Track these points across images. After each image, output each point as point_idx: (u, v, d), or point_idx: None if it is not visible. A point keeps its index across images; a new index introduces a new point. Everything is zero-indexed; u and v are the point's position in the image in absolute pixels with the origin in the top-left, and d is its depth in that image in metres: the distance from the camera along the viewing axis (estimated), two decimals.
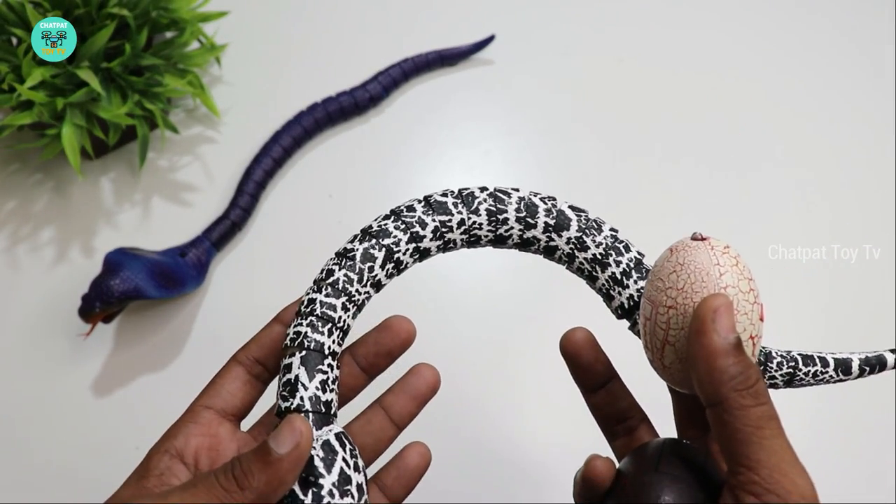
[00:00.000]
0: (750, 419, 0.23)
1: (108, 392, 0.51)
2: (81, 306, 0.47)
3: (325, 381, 0.26)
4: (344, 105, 0.62)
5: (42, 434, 0.49)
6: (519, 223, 0.29)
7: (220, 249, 0.56)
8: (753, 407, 0.23)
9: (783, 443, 0.23)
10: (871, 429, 0.52)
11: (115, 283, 0.47)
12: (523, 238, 0.30)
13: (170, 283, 0.50)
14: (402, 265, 0.29)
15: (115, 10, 0.52)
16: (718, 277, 0.24)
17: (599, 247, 0.29)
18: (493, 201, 0.30)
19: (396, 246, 0.28)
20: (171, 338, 0.53)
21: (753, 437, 0.22)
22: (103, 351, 0.52)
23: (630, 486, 0.24)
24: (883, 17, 0.75)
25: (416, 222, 0.29)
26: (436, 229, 0.29)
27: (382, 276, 0.28)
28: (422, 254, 0.29)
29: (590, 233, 0.30)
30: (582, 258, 0.29)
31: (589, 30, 0.72)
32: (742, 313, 0.24)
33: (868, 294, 0.58)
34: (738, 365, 0.23)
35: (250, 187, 0.57)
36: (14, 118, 0.50)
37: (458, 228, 0.29)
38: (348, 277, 0.28)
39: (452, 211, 0.29)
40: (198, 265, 0.53)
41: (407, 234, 0.28)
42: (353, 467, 0.25)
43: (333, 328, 0.27)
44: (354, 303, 0.28)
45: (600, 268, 0.29)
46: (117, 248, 0.50)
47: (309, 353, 0.26)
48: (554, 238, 0.29)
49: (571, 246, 0.29)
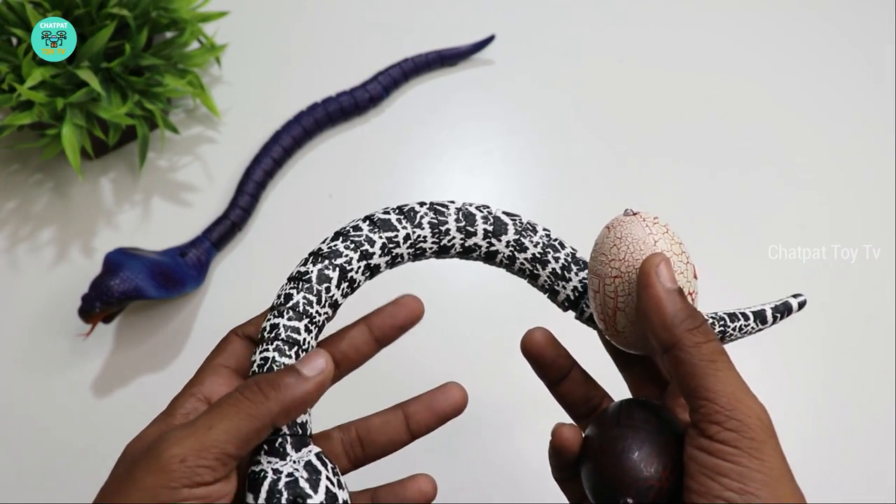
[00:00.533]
0: (704, 354, 0.25)
1: (109, 392, 0.51)
2: (81, 306, 0.47)
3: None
4: (344, 105, 0.62)
5: (42, 434, 0.49)
6: (460, 232, 0.31)
7: (221, 249, 0.56)
8: (705, 343, 0.25)
9: (736, 374, 0.25)
10: (872, 429, 0.52)
11: (115, 283, 0.47)
12: (465, 246, 0.31)
13: (170, 283, 0.50)
14: (355, 283, 0.30)
15: (115, 10, 0.52)
16: (654, 244, 0.27)
17: (537, 246, 0.31)
18: (433, 214, 0.31)
19: (349, 265, 0.29)
20: (171, 338, 0.53)
21: (709, 370, 0.24)
22: (103, 351, 0.52)
23: (597, 444, 0.26)
24: (883, 18, 0.75)
25: (365, 240, 0.30)
26: (383, 245, 0.30)
27: (339, 295, 0.29)
28: (372, 270, 0.30)
29: (526, 234, 0.31)
30: (522, 258, 0.31)
31: (589, 30, 0.72)
32: (678, 273, 0.26)
33: (868, 294, 0.58)
34: (685, 308, 0.25)
35: (250, 187, 0.57)
36: (14, 118, 0.50)
37: (404, 243, 0.30)
38: (307, 300, 0.28)
39: (397, 227, 0.30)
40: (198, 265, 0.53)
41: (357, 252, 0.29)
42: (336, 484, 0.26)
43: (299, 350, 0.28)
44: (315, 324, 0.29)
45: (540, 265, 0.31)
46: (117, 249, 0.50)
47: (282, 344, 0.27)
48: (494, 243, 0.31)
49: (511, 248, 0.31)
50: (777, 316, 0.35)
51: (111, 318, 0.49)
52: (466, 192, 0.61)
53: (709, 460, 0.23)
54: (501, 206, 0.33)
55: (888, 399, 0.53)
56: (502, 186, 0.62)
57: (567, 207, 0.61)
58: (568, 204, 0.61)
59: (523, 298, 0.55)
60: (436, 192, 0.61)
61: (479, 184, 0.62)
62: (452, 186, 0.61)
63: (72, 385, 0.51)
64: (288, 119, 0.61)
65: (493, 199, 0.61)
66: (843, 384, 0.54)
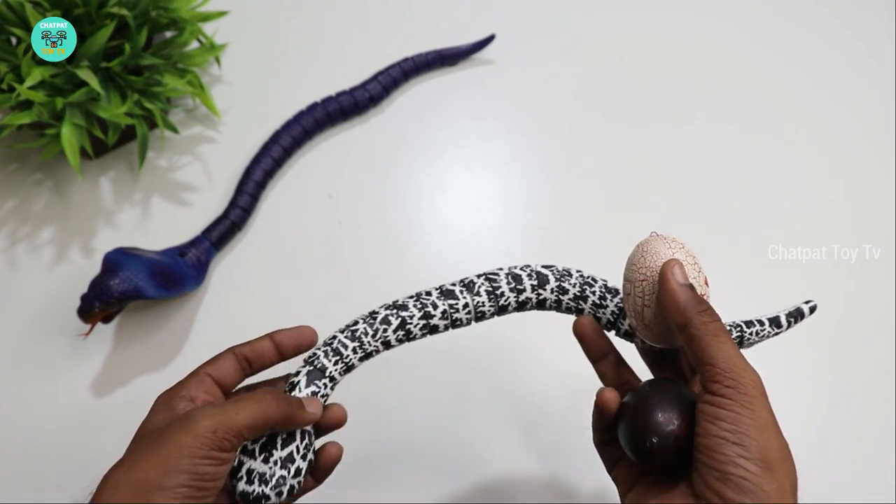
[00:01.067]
0: (710, 330, 0.31)
1: (108, 392, 0.50)
2: (80, 306, 0.47)
3: (315, 392, 0.35)
4: (344, 105, 0.62)
5: (41, 433, 0.49)
6: (512, 292, 0.38)
7: (220, 249, 0.56)
8: (710, 322, 0.31)
9: (734, 346, 0.31)
10: (872, 428, 0.52)
11: (115, 283, 0.47)
12: (519, 301, 0.38)
13: (169, 283, 0.50)
14: (411, 335, 0.37)
15: (114, 10, 0.52)
16: (672, 255, 0.34)
17: (575, 287, 0.38)
18: (488, 284, 0.37)
19: (410, 319, 0.36)
20: (170, 337, 0.53)
21: (713, 342, 0.30)
22: (103, 351, 0.52)
23: (632, 404, 0.32)
24: (883, 18, 0.75)
25: (430, 304, 0.37)
26: (444, 311, 0.37)
27: (393, 338, 0.36)
28: (431, 329, 0.37)
29: (564, 279, 0.38)
30: (566, 300, 0.38)
31: (589, 30, 0.72)
32: (691, 277, 0.33)
33: (868, 294, 0.58)
34: (694, 297, 0.32)
35: (250, 187, 0.57)
36: (13, 118, 0.50)
37: (463, 309, 0.37)
38: (366, 331, 0.36)
39: (458, 296, 0.37)
40: (197, 265, 0.53)
41: (421, 311, 0.36)
42: (300, 455, 0.34)
43: (339, 361, 0.35)
44: (364, 350, 0.36)
45: (582, 301, 0.38)
46: (116, 248, 0.50)
47: (314, 369, 0.35)
48: (541, 293, 0.38)
49: (556, 294, 0.38)
50: (791, 321, 0.40)
51: (110, 318, 0.49)
52: (466, 192, 0.61)
53: (711, 409, 0.29)
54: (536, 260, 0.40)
55: (888, 399, 0.53)
56: (502, 186, 0.62)
57: (567, 207, 0.61)
58: (568, 203, 0.61)
59: None
60: (435, 191, 0.61)
61: (479, 183, 0.62)
62: (452, 186, 0.61)
63: (71, 385, 0.51)
64: (287, 119, 0.61)
65: (493, 199, 0.61)
66: (844, 383, 0.54)
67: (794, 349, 0.55)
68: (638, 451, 0.31)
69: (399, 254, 0.56)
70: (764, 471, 0.28)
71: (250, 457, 0.33)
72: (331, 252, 0.57)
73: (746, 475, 0.28)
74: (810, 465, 0.51)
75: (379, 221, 0.59)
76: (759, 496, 0.27)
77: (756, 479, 0.28)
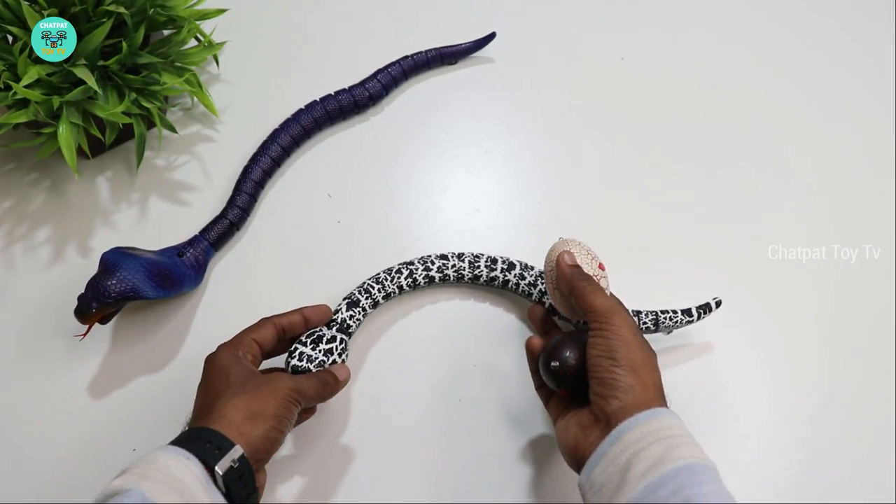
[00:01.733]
0: (585, 290, 0.43)
1: (106, 393, 0.50)
2: (78, 307, 0.46)
3: (352, 315, 0.50)
4: (343, 104, 0.62)
5: (39, 435, 0.49)
6: (487, 268, 0.54)
7: (219, 249, 0.56)
8: (588, 285, 0.43)
9: (608, 299, 0.42)
10: (872, 428, 0.52)
11: (112, 283, 0.46)
12: (489, 277, 0.54)
13: (167, 283, 0.49)
14: (417, 283, 0.53)
15: (111, 8, 0.51)
16: (567, 249, 0.46)
17: (532, 277, 0.53)
18: (471, 257, 0.54)
19: (416, 271, 0.53)
20: (168, 338, 0.52)
21: (591, 297, 0.42)
22: (100, 351, 0.52)
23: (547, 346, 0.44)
24: (883, 18, 0.75)
25: (429, 261, 0.54)
26: (438, 267, 0.53)
27: (404, 283, 0.52)
28: (429, 279, 0.53)
29: (526, 271, 0.54)
30: (523, 284, 0.53)
31: (590, 29, 0.71)
32: (583, 263, 0.45)
33: (868, 294, 0.58)
34: (577, 271, 0.45)
35: (248, 187, 0.57)
36: (10, 117, 0.50)
37: (451, 268, 0.54)
38: (386, 277, 0.52)
39: (449, 259, 0.54)
40: (195, 265, 0.53)
41: (423, 266, 0.53)
42: (337, 353, 0.47)
43: (368, 297, 0.51)
44: (385, 290, 0.52)
45: (533, 287, 0.53)
46: (114, 248, 0.50)
47: (351, 302, 0.50)
48: (507, 276, 0.53)
49: (517, 279, 0.53)
50: (700, 312, 0.52)
51: (108, 319, 0.49)
52: (466, 192, 0.61)
53: (593, 340, 0.40)
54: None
55: (888, 398, 0.53)
56: (502, 185, 0.62)
57: (567, 206, 0.61)
58: (568, 203, 0.61)
59: None
60: (435, 191, 0.61)
61: (479, 183, 0.61)
62: (452, 186, 0.61)
63: (69, 386, 0.50)
64: (286, 118, 0.61)
65: (493, 199, 0.61)
66: (844, 383, 0.54)
67: (795, 349, 0.55)
68: (547, 374, 0.42)
69: (399, 253, 0.56)
70: (629, 372, 0.38)
71: (303, 345, 0.46)
72: (330, 251, 0.57)
73: (617, 377, 0.38)
74: (810, 464, 0.51)
75: (378, 221, 0.59)
76: (626, 391, 0.38)
77: (624, 379, 0.38)
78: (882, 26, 0.74)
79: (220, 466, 0.36)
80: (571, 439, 0.40)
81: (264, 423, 0.39)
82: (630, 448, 0.36)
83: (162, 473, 0.35)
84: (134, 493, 0.33)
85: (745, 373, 0.54)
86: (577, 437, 0.39)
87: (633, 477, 0.35)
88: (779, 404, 0.53)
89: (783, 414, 0.52)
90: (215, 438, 0.37)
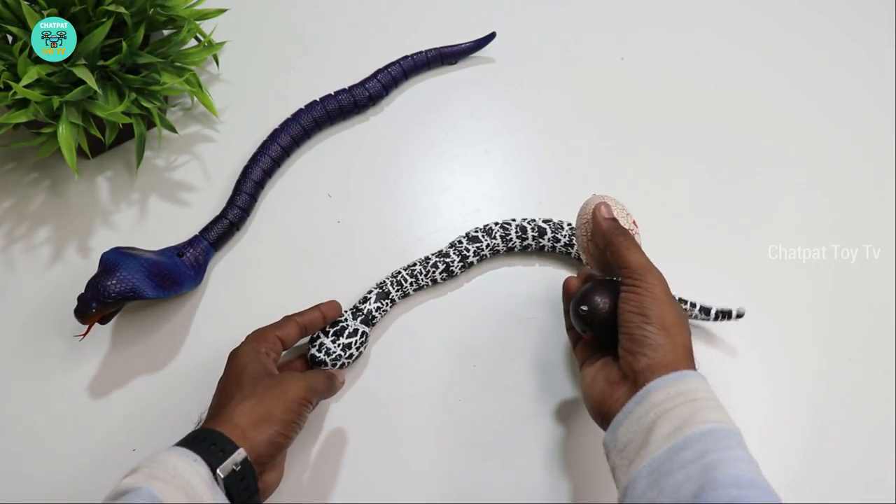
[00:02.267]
0: (622, 245, 0.42)
1: (105, 393, 0.50)
2: (77, 307, 0.46)
3: (379, 307, 0.52)
4: (343, 104, 0.62)
5: (39, 436, 0.49)
6: (518, 238, 0.56)
7: (219, 249, 0.56)
8: (624, 240, 0.43)
9: (643, 255, 0.42)
10: (872, 428, 0.52)
11: (112, 283, 0.46)
12: (523, 245, 0.56)
13: (167, 284, 0.49)
14: (453, 274, 0.55)
15: (111, 8, 0.51)
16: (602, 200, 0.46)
17: (566, 237, 0.56)
18: (502, 231, 0.55)
19: (452, 263, 0.54)
20: (168, 338, 0.52)
21: (626, 252, 0.42)
22: (100, 351, 0.51)
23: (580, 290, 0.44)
24: (883, 19, 0.75)
25: (463, 249, 0.55)
26: (475, 251, 0.55)
27: (438, 277, 0.54)
28: (467, 265, 0.55)
29: (558, 230, 0.56)
30: (559, 246, 0.56)
31: (590, 29, 0.71)
32: (619, 217, 0.45)
33: (868, 294, 0.58)
34: (614, 224, 0.44)
35: (248, 187, 0.57)
36: (10, 117, 0.50)
37: (487, 248, 0.55)
38: (420, 271, 0.54)
39: (481, 240, 0.55)
40: (195, 265, 0.53)
41: (459, 255, 0.55)
42: (355, 347, 0.50)
43: (399, 289, 0.53)
44: (418, 284, 0.53)
45: (571, 247, 0.56)
46: (114, 248, 0.50)
47: (382, 292, 0.52)
48: (541, 241, 0.56)
49: (551, 241, 0.56)
50: (719, 315, 0.52)
51: (108, 319, 0.49)
52: (466, 191, 0.61)
53: (625, 295, 0.41)
54: (532, 214, 0.59)
55: (888, 398, 0.53)
56: (502, 185, 0.62)
57: (567, 206, 0.61)
58: (568, 203, 0.61)
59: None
60: (435, 191, 0.61)
61: (479, 183, 0.61)
62: (452, 186, 0.61)
63: (69, 386, 0.50)
64: (286, 118, 0.61)
65: (493, 199, 0.61)
66: (844, 383, 0.54)
67: (794, 349, 0.55)
68: (576, 317, 0.43)
69: (399, 253, 0.56)
70: (660, 331, 0.38)
71: (326, 336, 0.49)
72: (330, 251, 0.57)
73: (647, 334, 0.38)
74: (810, 464, 0.51)
75: (378, 221, 0.59)
76: (656, 349, 0.38)
77: (654, 337, 0.38)
78: (882, 27, 0.74)
79: (223, 469, 0.38)
80: (598, 394, 0.40)
81: (270, 428, 0.40)
82: (656, 408, 0.36)
83: (170, 474, 0.36)
84: (144, 492, 0.34)
85: (744, 372, 0.53)
86: (604, 393, 0.40)
87: (657, 437, 0.35)
88: (778, 404, 0.53)
89: (783, 413, 0.52)
90: (220, 441, 0.38)
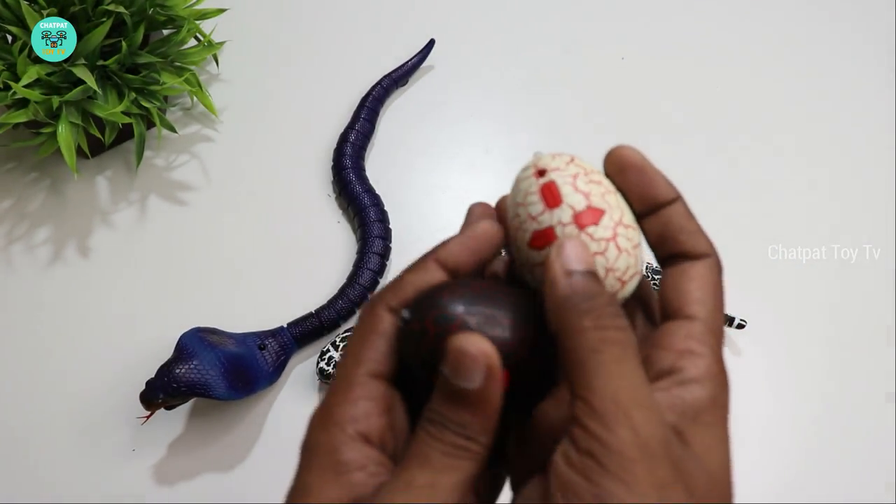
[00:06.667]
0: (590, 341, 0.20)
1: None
2: (143, 392, 0.44)
3: None
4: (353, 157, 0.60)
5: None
6: None
7: (303, 347, 0.52)
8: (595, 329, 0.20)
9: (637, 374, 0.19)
10: (872, 428, 0.52)
11: (183, 373, 0.44)
12: None
13: (241, 384, 0.46)
14: None
15: (111, 7, 0.51)
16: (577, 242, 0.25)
17: None
18: None
19: None
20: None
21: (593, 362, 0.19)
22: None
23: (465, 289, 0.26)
24: (885, 17, 0.75)
25: None
26: None
27: None
28: None
29: None
30: None
31: (591, 28, 0.71)
32: (606, 212, 0.25)
33: (868, 294, 0.58)
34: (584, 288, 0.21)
35: (354, 293, 0.52)
36: (9, 116, 0.50)
37: None
38: None
39: None
40: (275, 363, 0.49)
41: None
42: None
43: None
44: None
45: None
46: (194, 329, 0.47)
47: None
48: None
49: None
50: None
51: (173, 406, 0.46)
52: (467, 191, 0.61)
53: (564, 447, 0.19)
54: None
55: (888, 398, 0.53)
56: (502, 185, 0.61)
57: None
58: None
59: None
60: (435, 191, 0.61)
61: (479, 183, 0.61)
62: (452, 186, 0.61)
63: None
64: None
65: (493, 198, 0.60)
66: (844, 383, 0.54)
67: (795, 349, 0.55)
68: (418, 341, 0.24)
69: (398, 253, 0.56)
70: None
71: (336, 350, 0.48)
72: (330, 251, 0.57)
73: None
74: (810, 464, 0.51)
75: None
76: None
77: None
78: (883, 26, 0.74)
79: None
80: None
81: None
82: None
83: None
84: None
85: (744, 373, 0.53)
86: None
87: None
88: (779, 404, 0.53)
89: (783, 414, 0.52)
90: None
